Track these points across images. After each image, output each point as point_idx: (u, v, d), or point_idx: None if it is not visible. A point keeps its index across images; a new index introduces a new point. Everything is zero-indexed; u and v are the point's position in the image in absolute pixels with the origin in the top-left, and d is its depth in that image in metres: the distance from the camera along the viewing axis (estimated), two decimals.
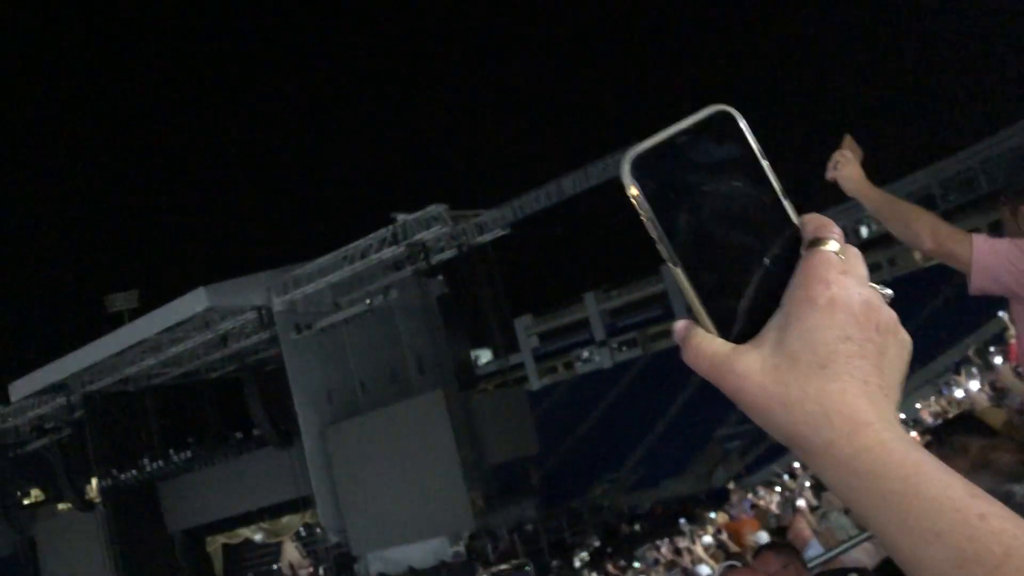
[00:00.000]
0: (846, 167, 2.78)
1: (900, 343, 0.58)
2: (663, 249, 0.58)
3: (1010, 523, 0.50)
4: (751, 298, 0.59)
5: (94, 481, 38.22)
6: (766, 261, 0.59)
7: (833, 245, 0.58)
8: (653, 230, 0.57)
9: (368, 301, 29.88)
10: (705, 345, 0.59)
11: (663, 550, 16.09)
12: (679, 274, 0.58)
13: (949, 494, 0.52)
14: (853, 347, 0.57)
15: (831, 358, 0.57)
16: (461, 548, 28.44)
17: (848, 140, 2.88)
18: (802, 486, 9.53)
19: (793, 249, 0.59)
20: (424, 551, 28.94)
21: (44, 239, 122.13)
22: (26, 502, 48.56)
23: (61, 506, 44.83)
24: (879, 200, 2.79)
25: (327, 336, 31.04)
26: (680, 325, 0.61)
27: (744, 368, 0.58)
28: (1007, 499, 0.75)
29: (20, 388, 37.70)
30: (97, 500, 37.93)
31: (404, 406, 29.71)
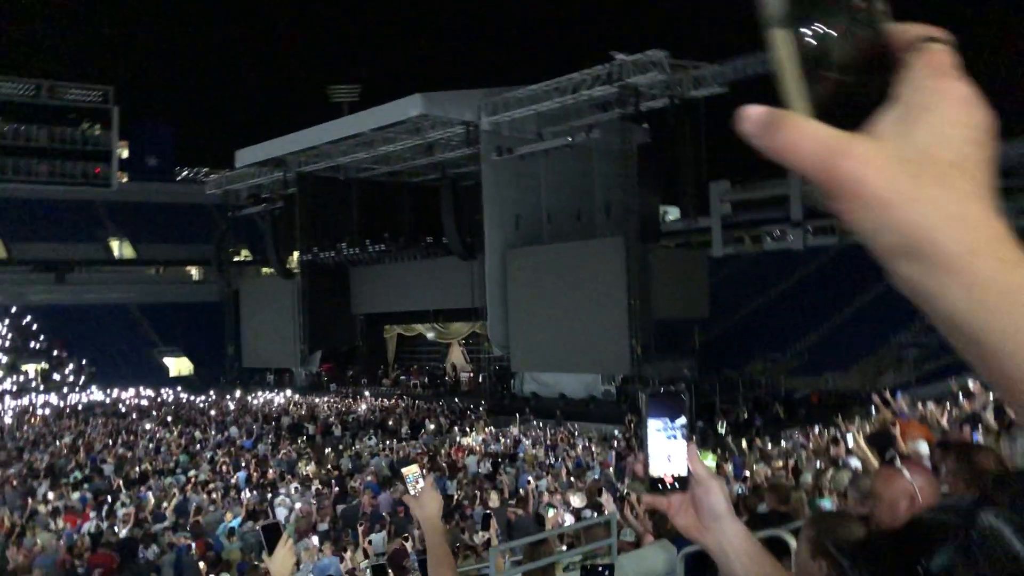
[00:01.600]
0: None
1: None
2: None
3: None
4: (854, 86, 0.53)
5: (295, 253, 41.91)
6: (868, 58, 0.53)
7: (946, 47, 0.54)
8: None
9: (570, 137, 30.14)
10: (812, 127, 0.52)
11: (814, 435, 16.27)
12: (782, 39, 0.53)
13: None
14: (981, 152, 0.51)
15: (965, 159, 0.51)
16: (612, 388, 29.65)
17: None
18: (985, 403, 9.30)
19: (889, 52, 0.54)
20: (576, 382, 30.39)
21: (284, 26, 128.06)
22: (236, 259, 54.09)
23: (265, 269, 49.72)
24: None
25: (525, 163, 31.75)
26: (760, 109, 0.55)
27: (865, 153, 0.51)
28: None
29: (244, 156, 41.17)
30: (296, 271, 41.74)
31: (584, 245, 30.42)
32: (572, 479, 15.15)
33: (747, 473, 13.16)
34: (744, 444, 18.90)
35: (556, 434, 22.87)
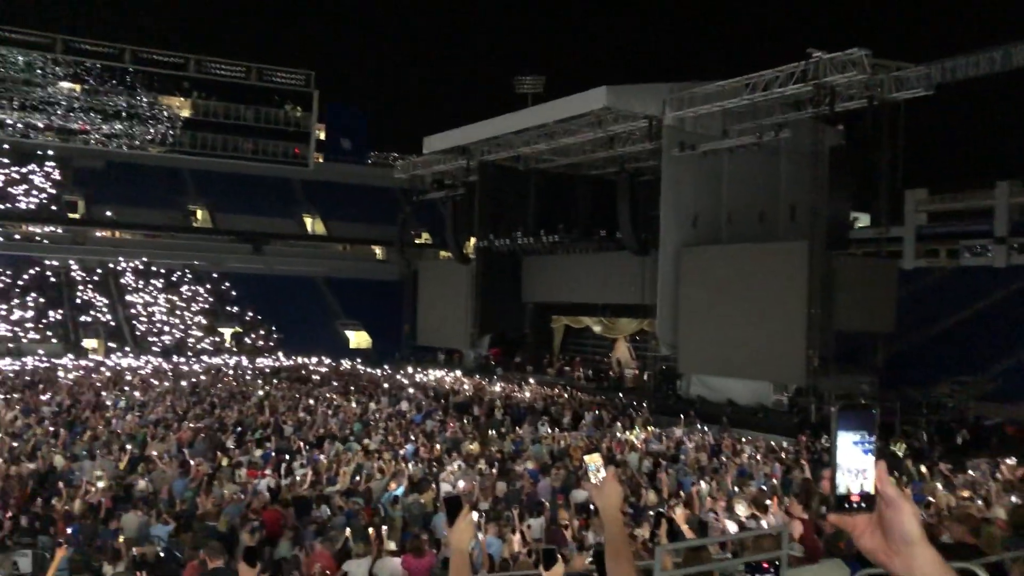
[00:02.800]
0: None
1: None
2: None
3: None
4: None
5: (473, 239, 43.00)
6: None
7: None
8: None
9: (758, 135, 29.18)
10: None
11: (1008, 467, 15.08)
12: None
13: None
14: None
15: None
16: (783, 398, 28.57)
17: None
18: None
19: None
20: (746, 389, 29.49)
21: (472, 18, 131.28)
22: (417, 241, 56.16)
23: (443, 253, 51.38)
24: None
25: (707, 160, 31.05)
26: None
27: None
28: None
29: (432, 143, 42.60)
30: (472, 256, 42.82)
31: (765, 248, 29.41)
32: (736, 487, 14.75)
33: (929, 499, 12.35)
34: (924, 469, 17.72)
35: (721, 440, 22.32)
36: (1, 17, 59.67)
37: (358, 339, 53.06)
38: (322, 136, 70.77)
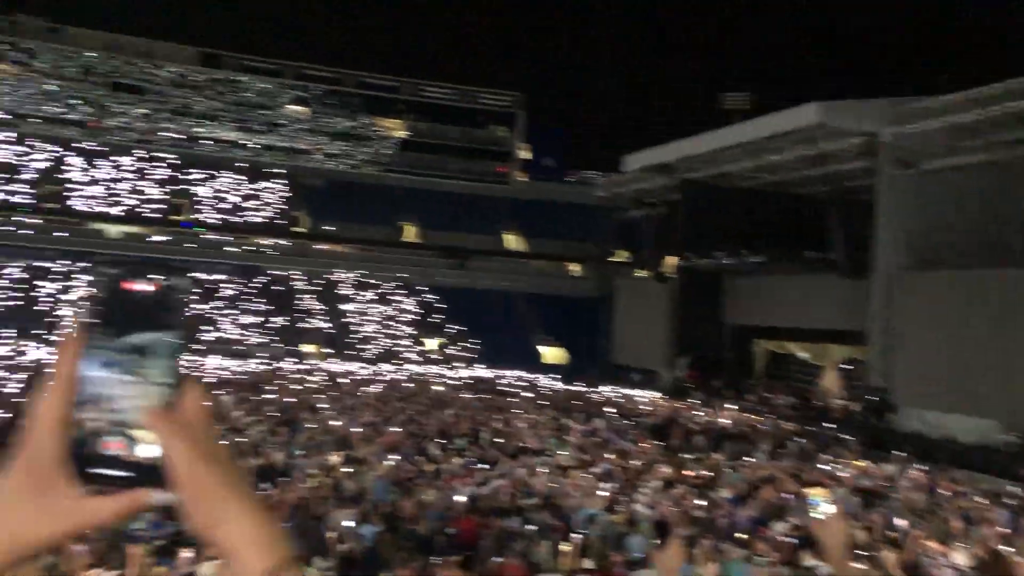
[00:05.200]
0: None
1: None
2: None
3: None
4: None
5: (672, 258, 42.43)
6: None
7: None
8: None
9: (987, 152, 26.92)
10: None
11: None
12: None
13: None
14: None
15: None
16: (1013, 439, 26.04)
17: None
18: None
19: None
20: (969, 426, 27.11)
21: (678, 33, 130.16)
22: (615, 259, 56.18)
23: (641, 272, 51.03)
24: None
25: (929, 179, 29.01)
26: None
27: None
28: None
29: (633, 161, 42.53)
30: (671, 275, 42.26)
31: (996, 274, 27.00)
32: (955, 532, 13.58)
33: None
34: None
35: (938, 479, 20.63)
36: (240, 47, 65.79)
37: (554, 355, 53.69)
38: (525, 155, 72.47)
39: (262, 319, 51.06)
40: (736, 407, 35.59)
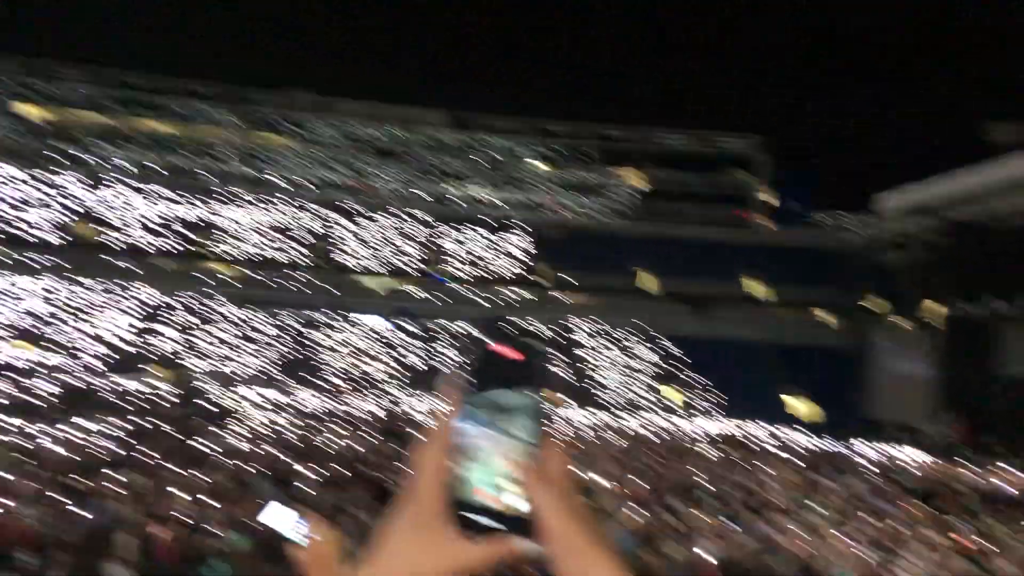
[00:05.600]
0: None
1: None
2: None
3: None
4: None
5: (935, 305, 39.20)
6: None
7: None
8: None
9: None
10: None
11: None
12: None
13: None
14: None
15: None
16: None
17: None
18: None
19: None
20: None
21: (933, 60, 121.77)
22: (869, 307, 52.78)
23: (898, 319, 47.55)
24: None
25: None
26: None
27: None
28: None
29: (888, 200, 39.98)
30: (934, 323, 39.00)
31: None
32: None
33: None
34: None
35: None
36: (485, 108, 69.63)
37: (803, 407, 51.00)
38: (768, 198, 70.34)
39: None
40: (1012, 467, 31.92)
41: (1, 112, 61.93)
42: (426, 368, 51.75)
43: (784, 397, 51.94)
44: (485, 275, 62.20)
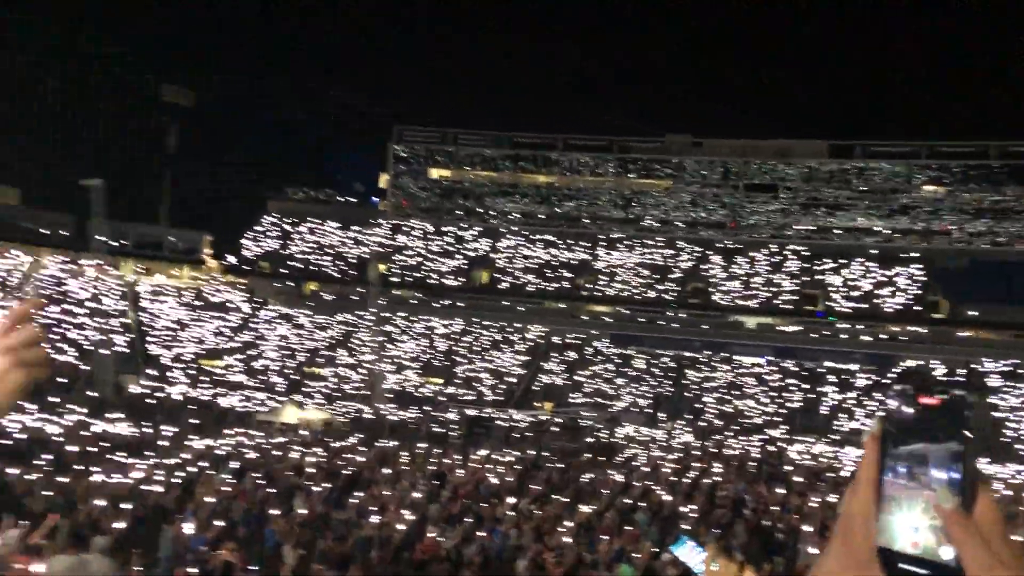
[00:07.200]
0: None
1: None
2: None
3: None
4: None
5: None
6: None
7: None
8: None
9: None
10: None
11: None
12: None
13: None
14: None
15: None
16: None
17: None
18: None
19: None
20: None
21: None
22: None
23: None
24: None
25: None
26: None
27: None
28: None
29: None
30: None
31: None
32: None
33: None
34: None
35: None
36: (867, 133, 65.40)
37: None
38: None
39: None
40: None
41: (421, 177, 71.50)
42: (806, 409, 49.35)
43: None
44: (871, 311, 57.72)
